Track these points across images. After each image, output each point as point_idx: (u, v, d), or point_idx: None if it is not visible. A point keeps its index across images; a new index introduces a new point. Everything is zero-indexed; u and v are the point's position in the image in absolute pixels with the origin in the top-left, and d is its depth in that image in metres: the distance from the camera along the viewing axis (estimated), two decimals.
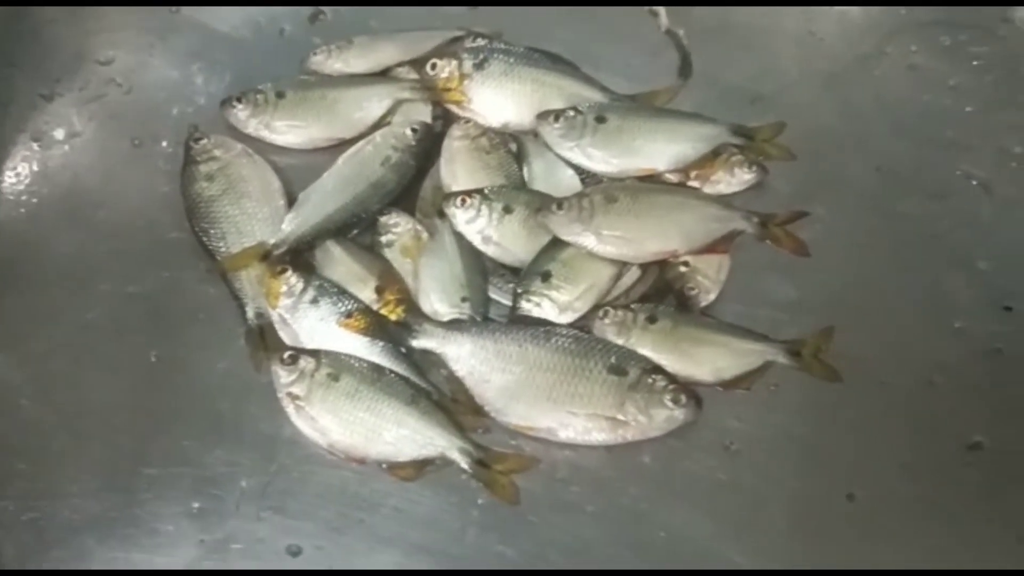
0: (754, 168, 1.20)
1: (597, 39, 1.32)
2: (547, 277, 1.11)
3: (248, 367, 1.10)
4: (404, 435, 1.04)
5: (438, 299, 1.12)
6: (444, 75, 1.24)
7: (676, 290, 1.13)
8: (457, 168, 1.20)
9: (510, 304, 1.13)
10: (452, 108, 1.24)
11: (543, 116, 1.20)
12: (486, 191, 1.15)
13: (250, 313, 1.12)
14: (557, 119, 1.19)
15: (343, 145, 1.23)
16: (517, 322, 1.11)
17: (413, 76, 1.27)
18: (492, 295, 1.15)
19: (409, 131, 1.21)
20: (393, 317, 1.10)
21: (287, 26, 1.33)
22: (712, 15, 1.34)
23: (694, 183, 1.21)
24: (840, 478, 1.05)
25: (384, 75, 1.28)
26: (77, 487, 1.05)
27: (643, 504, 1.04)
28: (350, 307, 1.10)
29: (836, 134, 1.25)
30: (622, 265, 1.14)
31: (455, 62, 1.24)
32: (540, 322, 1.10)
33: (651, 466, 1.05)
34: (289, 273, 1.10)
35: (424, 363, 1.10)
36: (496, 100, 1.24)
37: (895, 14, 1.33)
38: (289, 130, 1.24)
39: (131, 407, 1.09)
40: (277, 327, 1.11)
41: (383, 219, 1.18)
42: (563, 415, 1.04)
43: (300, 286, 1.10)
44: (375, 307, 1.11)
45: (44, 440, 1.07)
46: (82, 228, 1.20)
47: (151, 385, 1.10)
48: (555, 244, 1.13)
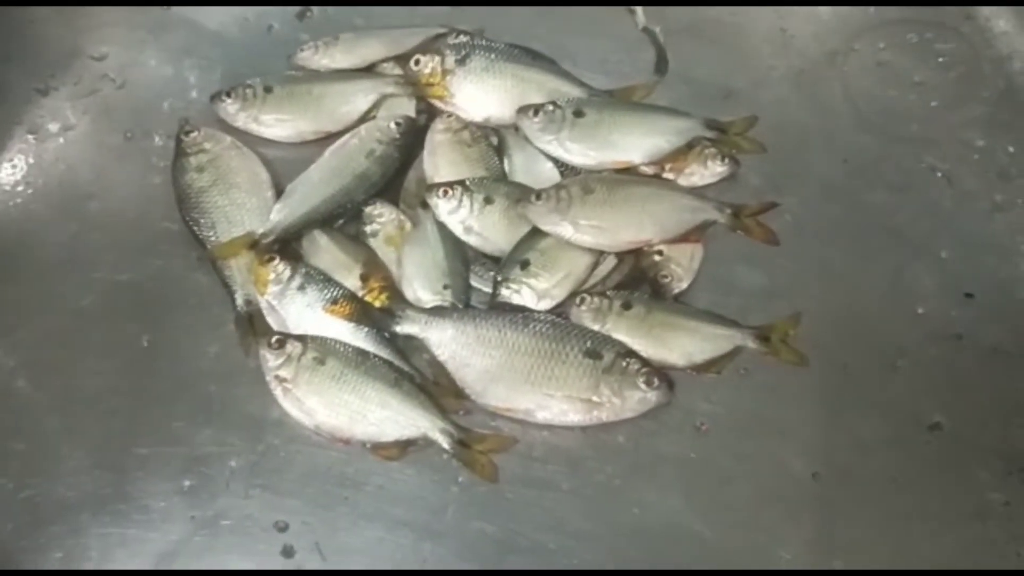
0: (726, 161, 1.24)
1: (576, 36, 1.35)
2: (526, 265, 1.15)
3: (237, 351, 1.13)
4: (387, 416, 1.07)
5: (421, 286, 1.16)
6: (427, 71, 1.27)
7: (650, 278, 1.17)
8: (439, 160, 1.24)
9: (490, 291, 1.17)
10: (435, 103, 1.28)
11: (523, 110, 1.24)
12: (467, 182, 1.19)
13: (239, 300, 1.16)
14: (537, 113, 1.23)
15: (330, 138, 1.27)
16: (497, 308, 1.14)
17: (397, 72, 1.31)
18: (473, 283, 1.19)
19: (393, 125, 1.24)
20: (377, 304, 1.14)
21: (275, 23, 1.37)
22: (687, 13, 1.37)
23: (669, 175, 1.24)
24: (805, 457, 1.09)
25: (369, 71, 1.32)
26: (72, 466, 1.09)
27: (616, 481, 1.08)
28: (336, 294, 1.14)
29: (805, 128, 1.29)
30: (599, 254, 1.18)
31: (438, 58, 1.27)
32: (519, 309, 1.14)
33: (625, 445, 1.09)
34: (277, 261, 1.14)
35: (407, 348, 1.13)
36: (477, 95, 1.28)
37: (864, 13, 1.37)
38: (277, 123, 1.27)
39: (123, 390, 1.13)
40: (265, 313, 1.14)
41: (368, 209, 1.22)
42: (540, 397, 1.08)
43: (288, 274, 1.13)
44: (360, 294, 1.14)
45: (39, 421, 1.11)
46: (75, 218, 1.23)
47: (143, 369, 1.13)
48: (534, 234, 1.17)
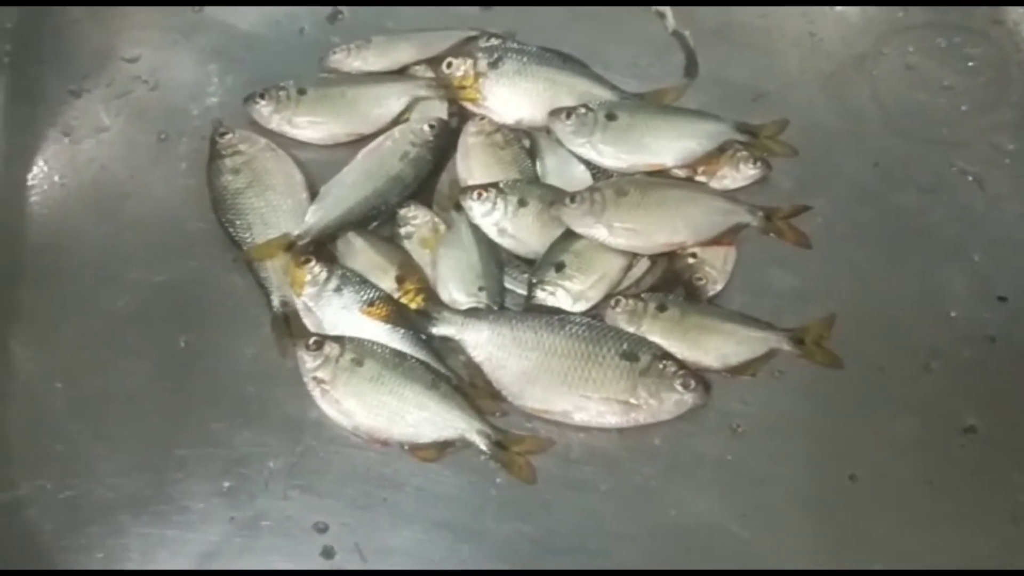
0: (758, 164, 1.24)
1: (606, 39, 1.36)
2: (561, 267, 1.16)
3: (274, 353, 1.14)
4: (425, 418, 1.08)
5: (456, 288, 1.16)
6: (460, 73, 1.28)
7: (684, 280, 1.18)
8: (472, 163, 1.25)
9: (525, 294, 1.17)
10: (467, 105, 1.28)
11: (555, 113, 1.24)
12: (501, 185, 1.20)
13: (275, 301, 1.16)
14: (569, 116, 1.23)
15: (362, 141, 1.27)
16: (532, 311, 1.15)
17: (430, 75, 1.31)
18: (507, 285, 1.20)
19: (427, 127, 1.25)
20: (413, 305, 1.14)
21: (306, 25, 1.38)
22: (716, 16, 1.38)
23: (701, 178, 1.25)
24: (841, 459, 1.09)
25: (402, 73, 1.32)
26: (111, 467, 1.09)
27: (653, 483, 1.08)
28: (372, 295, 1.14)
29: (835, 131, 1.30)
30: (632, 256, 1.19)
31: (470, 61, 1.28)
32: (554, 311, 1.14)
33: (661, 447, 1.10)
34: (313, 263, 1.14)
35: (443, 350, 1.14)
36: (510, 98, 1.28)
37: (892, 16, 1.38)
38: (310, 126, 1.28)
39: (161, 391, 1.13)
40: (302, 314, 1.15)
41: (402, 212, 1.22)
42: (577, 399, 1.08)
43: (324, 275, 1.14)
44: (396, 296, 1.15)
45: (79, 423, 1.11)
46: (110, 220, 1.24)
47: (181, 370, 1.14)
48: (568, 236, 1.18)
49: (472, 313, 1.13)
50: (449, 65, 1.28)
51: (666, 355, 1.11)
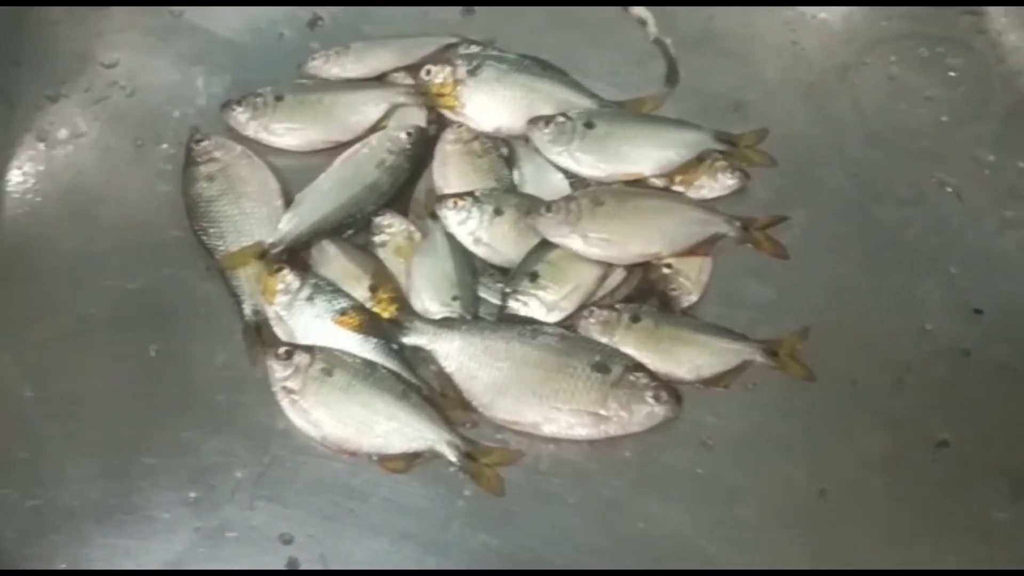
0: (736, 174, 1.24)
1: (587, 47, 1.35)
2: (535, 277, 1.15)
3: (245, 361, 1.13)
4: (394, 428, 1.07)
5: (429, 298, 1.16)
6: (438, 81, 1.27)
7: (659, 291, 1.17)
8: (449, 171, 1.24)
9: (499, 303, 1.16)
10: (446, 113, 1.28)
11: (534, 121, 1.24)
12: (477, 194, 1.19)
13: (247, 310, 1.16)
14: (547, 124, 1.23)
15: (340, 148, 1.26)
16: (505, 320, 1.14)
17: (408, 81, 1.31)
18: (482, 294, 1.19)
19: (404, 135, 1.24)
20: (386, 315, 1.14)
21: (286, 31, 1.37)
22: (698, 25, 1.38)
23: (679, 188, 1.24)
24: (812, 473, 1.08)
25: (380, 80, 1.32)
26: (78, 474, 1.08)
27: (623, 496, 1.07)
28: (344, 305, 1.14)
29: (815, 141, 1.29)
30: (607, 266, 1.18)
31: (449, 68, 1.28)
32: (528, 321, 1.14)
33: (631, 460, 1.09)
34: (285, 271, 1.14)
35: (415, 359, 1.13)
36: (488, 105, 1.28)
37: (875, 25, 1.37)
38: (287, 132, 1.27)
39: (130, 398, 1.13)
40: (273, 323, 1.14)
41: (377, 220, 1.22)
42: (548, 410, 1.08)
43: (296, 284, 1.13)
44: (368, 305, 1.14)
45: (45, 429, 1.11)
46: (84, 225, 1.23)
47: (150, 377, 1.13)
48: (543, 245, 1.17)
49: (444, 323, 1.12)
50: (428, 72, 1.28)
51: (638, 367, 1.10)
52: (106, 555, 1.05)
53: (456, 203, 1.18)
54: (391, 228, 1.21)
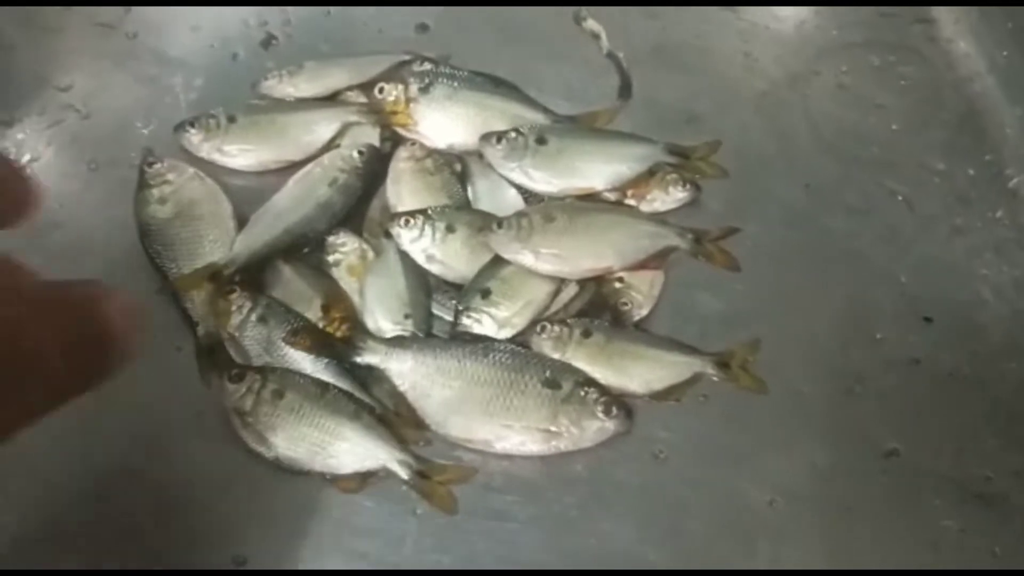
0: (687, 186, 1.24)
1: (541, 62, 1.36)
2: (487, 294, 1.16)
3: (199, 382, 1.13)
4: (347, 449, 1.08)
5: (382, 316, 1.16)
6: (391, 99, 1.28)
7: (611, 305, 1.18)
8: (402, 189, 1.25)
9: (452, 320, 1.17)
10: (399, 130, 1.28)
11: (486, 138, 1.24)
12: (430, 211, 1.20)
13: (200, 332, 1.16)
14: (500, 140, 1.23)
15: (294, 168, 1.27)
16: (458, 338, 1.15)
17: (362, 100, 1.31)
18: (435, 311, 1.19)
19: (356, 153, 1.25)
20: (339, 334, 1.14)
21: (240, 51, 1.37)
22: (652, 37, 1.38)
23: (631, 201, 1.25)
24: (762, 485, 1.09)
25: (333, 99, 1.32)
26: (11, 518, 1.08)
27: (574, 512, 1.08)
28: (296, 325, 1.14)
29: (767, 152, 1.30)
30: (560, 282, 1.19)
31: (401, 86, 1.28)
32: (480, 338, 1.14)
33: (583, 475, 1.09)
34: (237, 293, 1.14)
35: (369, 378, 1.13)
36: (441, 122, 1.28)
37: (827, 35, 1.38)
38: (240, 153, 1.28)
39: (82, 424, 1.12)
40: (227, 346, 1.14)
41: (331, 239, 1.22)
42: (499, 428, 1.08)
43: (248, 305, 1.14)
44: (321, 325, 1.15)
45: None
46: (38, 251, 1.21)
47: (100, 400, 1.12)
48: (496, 262, 1.18)
49: (396, 342, 1.13)
50: (381, 90, 1.28)
51: (589, 382, 1.10)
52: None
53: (408, 221, 1.18)
54: (344, 247, 1.21)
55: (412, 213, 1.19)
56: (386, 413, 1.12)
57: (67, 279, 0.49)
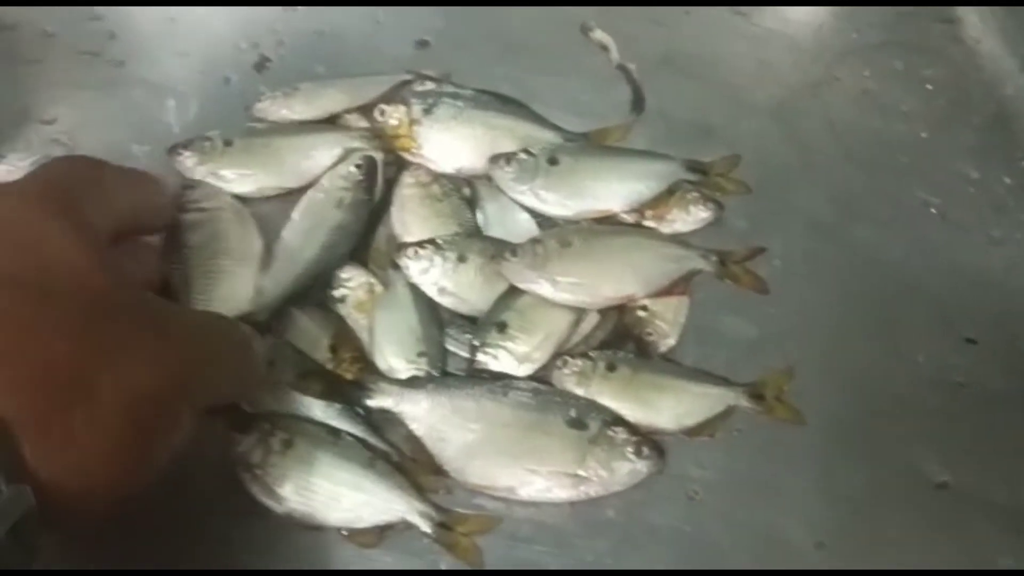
0: (710, 205, 1.18)
1: (546, 76, 1.30)
2: (503, 328, 1.09)
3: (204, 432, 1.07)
4: (362, 501, 1.02)
5: (393, 355, 1.10)
6: (393, 121, 1.22)
7: (635, 336, 1.12)
8: (408, 217, 1.19)
9: (468, 356, 1.10)
10: (403, 155, 1.22)
11: (495, 160, 1.18)
12: (439, 240, 1.14)
13: None
14: (509, 162, 1.17)
15: (293, 193, 1.21)
16: (475, 376, 1.09)
17: (362, 123, 1.25)
18: (450, 347, 1.13)
19: (354, 168, 1.19)
20: (349, 376, 1.08)
21: (232, 75, 1.31)
22: (662, 47, 1.32)
23: (650, 223, 1.19)
24: (806, 524, 1.03)
25: (333, 122, 1.26)
26: None
27: (607, 560, 1.02)
28: (304, 368, 1.07)
29: (789, 164, 1.24)
30: (580, 311, 1.12)
31: (403, 108, 1.22)
32: (498, 376, 1.08)
33: (615, 520, 1.04)
34: None
35: (382, 422, 1.07)
36: (447, 145, 1.22)
37: (846, 38, 1.33)
38: (238, 178, 1.21)
39: None
40: None
41: (336, 272, 1.16)
42: (523, 473, 1.02)
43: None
44: (330, 366, 1.08)
45: None
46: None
47: None
48: (511, 292, 1.12)
49: (410, 383, 1.06)
50: (382, 113, 1.22)
51: (617, 420, 1.04)
52: None
53: (417, 252, 1.12)
54: (350, 281, 1.15)
55: (421, 243, 1.13)
56: (402, 460, 1.06)
57: None
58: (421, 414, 1.05)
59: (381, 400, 1.06)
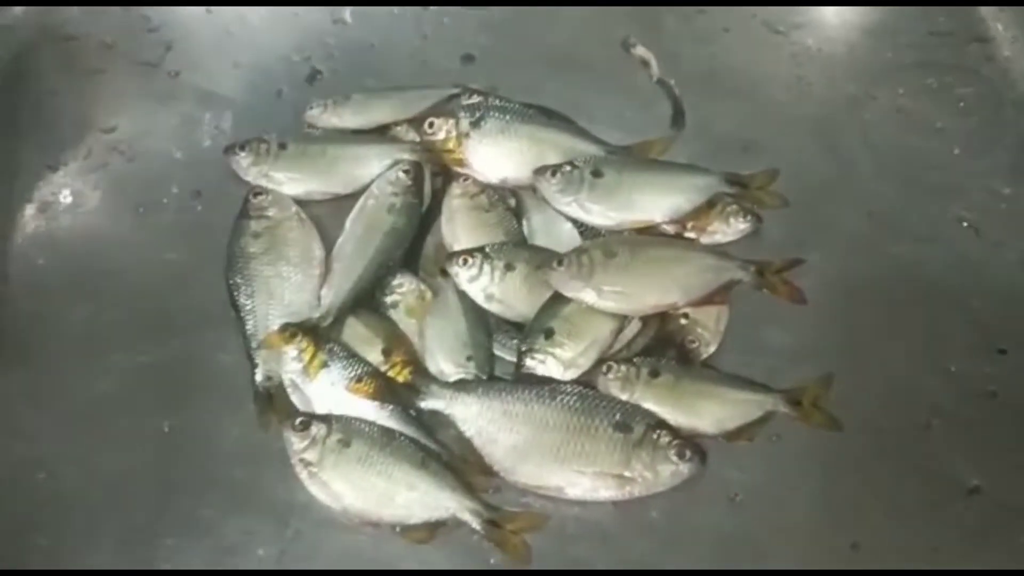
0: (749, 217, 1.22)
1: (589, 91, 1.34)
2: (550, 334, 1.13)
3: (260, 433, 1.11)
4: (416, 498, 1.06)
5: (444, 359, 1.14)
6: (442, 135, 1.25)
7: (677, 343, 1.15)
8: (457, 227, 1.23)
9: (514, 361, 1.14)
10: (451, 167, 1.25)
11: (540, 172, 1.22)
12: (487, 249, 1.18)
13: (259, 376, 1.14)
14: (554, 174, 1.21)
15: (340, 200, 1.26)
16: (522, 380, 1.12)
17: (412, 134, 1.29)
18: (496, 352, 1.17)
19: (402, 174, 1.24)
20: (401, 379, 1.12)
21: (284, 87, 1.36)
22: (702, 63, 1.36)
23: (691, 234, 1.22)
24: (843, 527, 1.06)
25: (384, 134, 1.30)
26: (96, 560, 1.07)
27: (651, 559, 1.06)
28: (360, 371, 1.12)
29: (827, 179, 1.27)
30: (623, 319, 1.16)
31: (452, 121, 1.26)
32: (545, 380, 1.11)
33: (658, 520, 1.07)
34: (300, 337, 1.11)
35: (433, 423, 1.11)
36: (494, 157, 1.26)
37: (882, 57, 1.36)
38: (288, 181, 1.26)
39: (146, 478, 1.11)
40: (290, 392, 1.13)
41: (388, 279, 1.20)
42: (570, 474, 1.06)
43: (311, 351, 1.11)
44: (383, 369, 1.12)
45: (61, 514, 1.09)
46: (90, 298, 1.21)
47: (165, 455, 1.12)
48: (557, 300, 1.15)
49: (460, 386, 1.10)
50: (431, 125, 1.25)
51: (660, 424, 1.08)
52: None
53: (466, 260, 1.16)
54: (402, 288, 1.20)
55: (470, 252, 1.17)
56: (453, 460, 1.09)
57: None
58: (471, 416, 1.09)
59: (433, 402, 1.10)
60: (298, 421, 1.08)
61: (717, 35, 1.38)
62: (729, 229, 1.22)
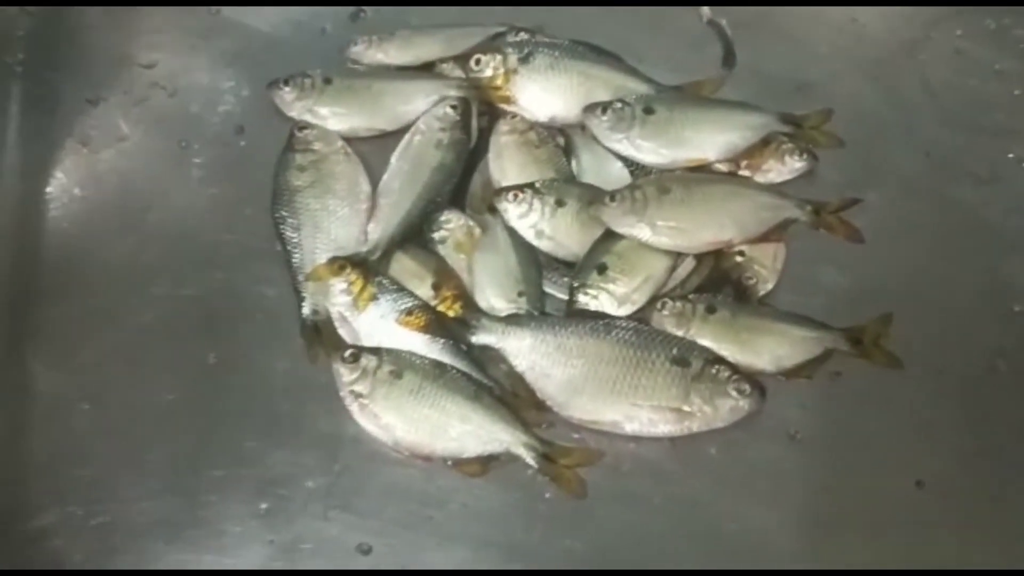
0: (804, 156, 1.19)
1: (638, 31, 1.31)
2: (603, 270, 1.11)
3: (307, 366, 1.10)
4: (468, 431, 1.03)
5: (494, 294, 1.12)
6: (489, 71, 1.22)
7: (734, 280, 1.13)
8: (506, 163, 1.20)
9: (565, 298, 1.12)
10: (499, 104, 1.23)
11: (590, 109, 1.19)
12: (537, 185, 1.15)
13: (306, 309, 1.12)
14: (605, 111, 1.18)
15: (384, 138, 1.23)
16: (575, 316, 1.10)
17: (457, 72, 1.26)
18: (547, 289, 1.15)
19: (450, 109, 1.21)
20: (451, 313, 1.10)
21: (328, 25, 1.33)
22: (752, 4, 1.32)
23: (745, 172, 1.20)
24: (905, 466, 1.05)
25: (430, 70, 1.27)
26: (142, 491, 1.06)
27: (708, 496, 1.04)
28: (409, 304, 1.10)
29: (883, 121, 1.25)
30: (677, 256, 1.14)
31: (500, 57, 1.23)
32: (598, 315, 1.09)
33: (715, 457, 1.05)
34: (349, 270, 1.09)
35: (484, 359, 1.09)
36: (542, 94, 1.23)
37: None
38: (332, 116, 1.24)
39: (191, 410, 1.09)
40: (337, 325, 1.11)
41: (435, 215, 1.17)
42: (628, 408, 1.04)
43: (360, 283, 1.09)
44: (432, 304, 1.10)
45: (106, 446, 1.07)
46: (133, 232, 1.19)
47: (211, 387, 1.10)
48: (609, 237, 1.13)
49: (512, 320, 1.08)
50: (478, 62, 1.23)
51: (718, 359, 1.06)
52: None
53: (516, 196, 1.14)
54: (450, 224, 1.17)
55: (519, 187, 1.15)
56: (505, 394, 1.07)
57: None
58: (524, 350, 1.06)
59: (485, 336, 1.07)
60: (348, 353, 1.06)
61: None
62: (784, 168, 1.19)
